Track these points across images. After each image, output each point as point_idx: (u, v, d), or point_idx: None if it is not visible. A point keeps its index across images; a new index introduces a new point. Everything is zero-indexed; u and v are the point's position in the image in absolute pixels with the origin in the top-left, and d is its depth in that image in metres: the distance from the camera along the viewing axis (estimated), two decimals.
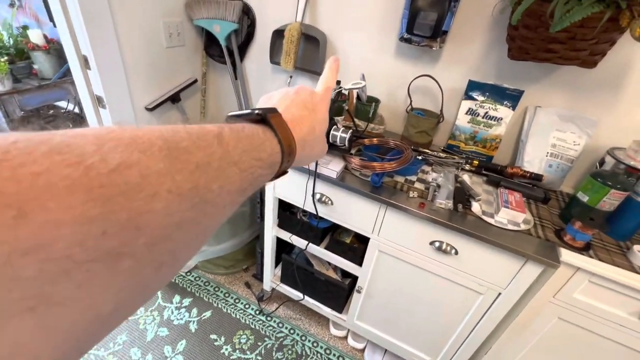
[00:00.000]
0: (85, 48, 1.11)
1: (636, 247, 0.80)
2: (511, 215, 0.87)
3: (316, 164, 0.97)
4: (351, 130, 0.97)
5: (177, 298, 1.50)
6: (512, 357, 1.02)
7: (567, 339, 0.90)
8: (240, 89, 1.59)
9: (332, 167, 0.97)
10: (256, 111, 0.27)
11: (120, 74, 1.23)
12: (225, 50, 1.45)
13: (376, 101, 1.19)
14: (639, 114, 0.96)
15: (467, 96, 1.10)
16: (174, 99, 1.49)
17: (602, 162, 0.96)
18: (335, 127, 0.98)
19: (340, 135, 1.00)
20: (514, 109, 1.06)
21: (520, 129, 1.12)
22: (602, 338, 0.85)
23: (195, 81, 1.58)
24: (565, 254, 0.80)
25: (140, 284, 0.15)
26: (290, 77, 1.11)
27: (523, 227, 0.87)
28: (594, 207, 0.85)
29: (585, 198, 0.86)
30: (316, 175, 0.98)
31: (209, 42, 1.55)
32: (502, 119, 1.07)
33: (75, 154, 0.13)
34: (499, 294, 0.91)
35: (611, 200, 0.82)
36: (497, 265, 0.87)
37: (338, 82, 1.06)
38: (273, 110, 0.28)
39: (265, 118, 0.27)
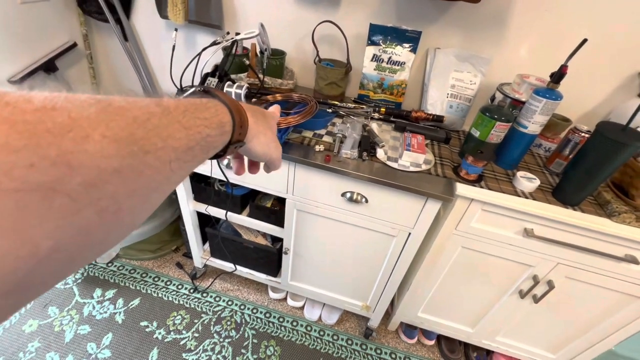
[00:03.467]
0: None
1: (519, 174, 0.88)
2: (413, 157, 0.89)
3: None
4: (246, 86, 0.90)
5: (98, 292, 1.37)
6: (430, 288, 1.11)
7: (471, 264, 0.99)
8: (134, 52, 1.38)
9: None
10: (198, 88, 0.28)
11: None
12: (103, 4, 1.23)
13: (280, 54, 1.10)
14: (522, 49, 1.02)
15: (371, 41, 1.07)
16: (48, 67, 1.25)
17: (493, 98, 1.01)
18: (229, 83, 0.90)
19: (235, 91, 0.92)
20: (415, 52, 1.05)
21: (424, 73, 1.13)
22: (497, 258, 0.95)
23: (75, 45, 1.33)
24: (460, 188, 0.85)
25: (81, 226, 0.15)
26: (176, 30, 0.97)
27: (424, 167, 0.89)
28: (485, 140, 0.90)
29: (477, 133, 0.91)
30: None
31: None
32: (404, 63, 1.07)
33: None
34: (409, 233, 0.96)
35: (497, 132, 0.88)
36: (403, 207, 0.90)
37: (236, 34, 0.96)
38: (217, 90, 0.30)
39: (209, 90, 0.29)
